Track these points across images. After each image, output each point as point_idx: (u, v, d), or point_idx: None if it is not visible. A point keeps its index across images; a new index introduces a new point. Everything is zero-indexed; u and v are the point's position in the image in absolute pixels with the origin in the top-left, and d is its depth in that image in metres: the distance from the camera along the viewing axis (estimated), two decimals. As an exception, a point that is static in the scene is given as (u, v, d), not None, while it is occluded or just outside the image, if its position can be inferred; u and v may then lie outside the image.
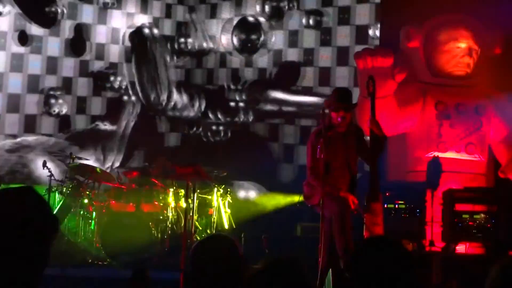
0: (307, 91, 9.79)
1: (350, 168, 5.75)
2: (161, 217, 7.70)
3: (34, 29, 9.47)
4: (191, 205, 6.92)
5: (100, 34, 10.10)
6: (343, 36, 9.54)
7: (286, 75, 10.00)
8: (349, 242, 5.34)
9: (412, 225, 6.77)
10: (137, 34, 10.48)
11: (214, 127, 10.54)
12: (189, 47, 10.83)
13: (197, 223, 7.76)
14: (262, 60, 10.30)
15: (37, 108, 9.57)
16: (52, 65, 9.67)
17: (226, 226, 8.13)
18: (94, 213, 7.56)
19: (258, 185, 9.83)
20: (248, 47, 10.26)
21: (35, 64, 9.47)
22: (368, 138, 5.81)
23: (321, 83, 9.80)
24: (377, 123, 5.64)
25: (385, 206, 6.53)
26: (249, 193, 9.79)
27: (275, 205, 9.10)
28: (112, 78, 10.17)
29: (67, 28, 9.78)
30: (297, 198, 6.02)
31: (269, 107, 10.09)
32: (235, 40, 10.42)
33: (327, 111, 5.56)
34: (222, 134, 10.42)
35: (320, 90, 9.70)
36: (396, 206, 6.84)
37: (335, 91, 5.95)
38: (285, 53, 10.05)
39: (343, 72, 9.57)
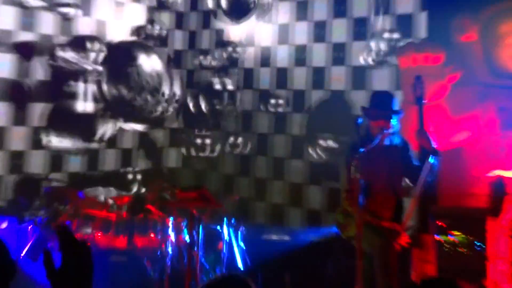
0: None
1: (396, 190, 5.70)
2: (158, 254, 7.73)
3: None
4: (195, 239, 6.98)
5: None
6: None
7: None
8: (393, 284, 5.32)
9: (470, 262, 6.77)
10: None
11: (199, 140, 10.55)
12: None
13: (203, 260, 7.80)
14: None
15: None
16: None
17: (240, 264, 8.18)
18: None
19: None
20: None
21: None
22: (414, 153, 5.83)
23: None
24: (427, 135, 5.60)
25: (437, 238, 6.51)
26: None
27: (301, 237, 9.13)
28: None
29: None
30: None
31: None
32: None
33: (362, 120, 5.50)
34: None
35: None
36: (451, 238, 6.84)
37: (373, 95, 5.96)
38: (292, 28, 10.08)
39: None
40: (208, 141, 10.73)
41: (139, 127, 10.52)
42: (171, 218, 7.85)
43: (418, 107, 5.73)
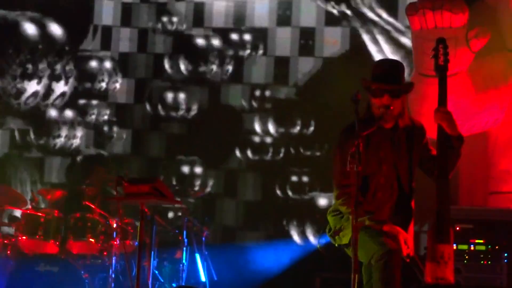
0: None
1: (402, 186, 5.60)
2: (99, 262, 7.77)
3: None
4: (147, 244, 6.99)
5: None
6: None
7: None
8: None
9: (496, 277, 6.80)
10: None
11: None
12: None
13: (156, 272, 7.84)
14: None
15: None
16: None
17: (203, 278, 8.19)
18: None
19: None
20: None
21: None
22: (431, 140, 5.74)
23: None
24: (450, 115, 5.51)
25: (455, 247, 6.38)
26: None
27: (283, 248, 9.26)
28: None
29: None
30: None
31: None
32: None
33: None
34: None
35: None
36: (472, 247, 6.87)
37: (376, 64, 5.85)
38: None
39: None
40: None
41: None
42: (116, 219, 7.79)
43: (440, 80, 5.62)
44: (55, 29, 10.72)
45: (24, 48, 10.53)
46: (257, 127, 10.42)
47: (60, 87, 10.74)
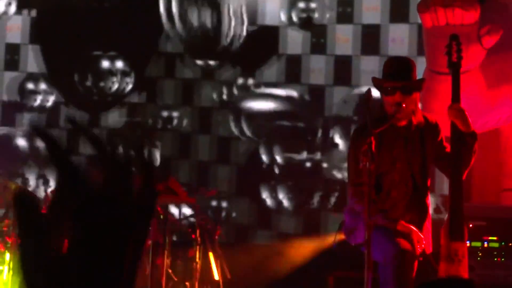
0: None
1: (417, 184, 5.63)
2: None
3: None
4: (160, 243, 7.24)
5: None
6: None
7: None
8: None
9: (510, 274, 6.78)
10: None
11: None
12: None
13: (170, 271, 7.82)
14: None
15: None
16: None
17: (217, 277, 8.16)
18: (7, 256, 7.61)
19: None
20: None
21: None
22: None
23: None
24: (463, 112, 5.53)
25: (468, 244, 6.36)
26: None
27: (297, 246, 9.17)
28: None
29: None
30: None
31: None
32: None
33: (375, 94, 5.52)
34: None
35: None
36: (485, 244, 6.84)
37: (387, 62, 5.94)
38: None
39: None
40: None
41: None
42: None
43: (453, 77, 5.67)
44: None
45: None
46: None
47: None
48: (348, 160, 5.73)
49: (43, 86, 10.44)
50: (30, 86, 10.44)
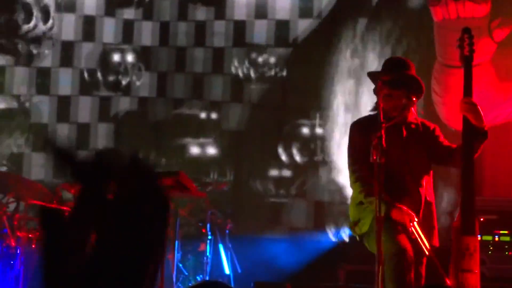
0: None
1: (417, 182, 5.59)
2: None
3: None
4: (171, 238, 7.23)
5: None
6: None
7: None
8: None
9: None
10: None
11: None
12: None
13: (180, 265, 7.90)
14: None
15: None
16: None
17: (227, 271, 8.21)
18: (18, 250, 7.51)
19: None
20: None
21: None
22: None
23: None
24: (476, 106, 5.47)
25: (480, 238, 6.19)
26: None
27: (307, 240, 9.23)
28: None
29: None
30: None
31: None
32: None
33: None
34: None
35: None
36: (497, 238, 6.87)
37: (385, 60, 5.95)
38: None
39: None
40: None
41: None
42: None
43: (465, 70, 5.60)
44: None
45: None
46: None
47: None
48: (348, 148, 5.70)
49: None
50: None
